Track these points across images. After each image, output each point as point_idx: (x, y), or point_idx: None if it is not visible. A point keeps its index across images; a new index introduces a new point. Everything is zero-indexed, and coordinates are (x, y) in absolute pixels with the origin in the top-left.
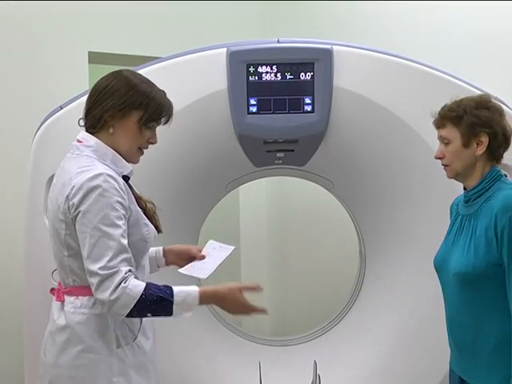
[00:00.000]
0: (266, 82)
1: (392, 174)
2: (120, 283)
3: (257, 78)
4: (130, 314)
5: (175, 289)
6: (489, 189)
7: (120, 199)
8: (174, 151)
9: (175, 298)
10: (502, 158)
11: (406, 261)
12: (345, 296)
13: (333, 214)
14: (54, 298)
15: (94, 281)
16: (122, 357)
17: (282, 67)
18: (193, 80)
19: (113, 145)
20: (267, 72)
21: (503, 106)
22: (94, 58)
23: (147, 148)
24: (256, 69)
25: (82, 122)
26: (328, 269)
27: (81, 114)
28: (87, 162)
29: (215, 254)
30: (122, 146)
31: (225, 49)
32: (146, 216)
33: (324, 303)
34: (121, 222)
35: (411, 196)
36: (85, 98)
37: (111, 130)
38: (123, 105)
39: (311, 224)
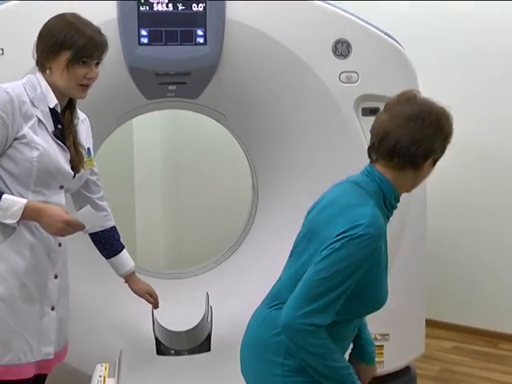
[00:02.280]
0: (158, 12)
1: (284, 109)
2: None
3: (148, 8)
4: None
5: (4, 196)
6: None
7: (3, 114)
8: None
9: (0, 203)
10: None
11: (296, 195)
12: (238, 230)
13: (227, 148)
14: None
15: None
16: None
17: None
18: (80, 9)
19: (52, 83)
20: (159, 2)
21: (393, 41)
22: None
23: (89, 83)
24: None
25: None
26: (222, 203)
27: None
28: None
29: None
30: (59, 84)
31: None
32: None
33: (218, 237)
34: None
35: (303, 130)
36: None
37: (48, 72)
38: (53, 46)
39: (205, 159)
